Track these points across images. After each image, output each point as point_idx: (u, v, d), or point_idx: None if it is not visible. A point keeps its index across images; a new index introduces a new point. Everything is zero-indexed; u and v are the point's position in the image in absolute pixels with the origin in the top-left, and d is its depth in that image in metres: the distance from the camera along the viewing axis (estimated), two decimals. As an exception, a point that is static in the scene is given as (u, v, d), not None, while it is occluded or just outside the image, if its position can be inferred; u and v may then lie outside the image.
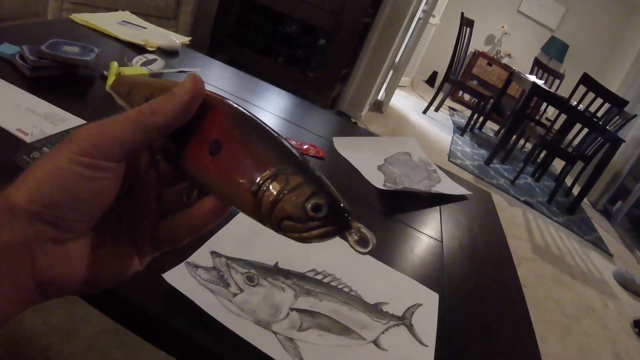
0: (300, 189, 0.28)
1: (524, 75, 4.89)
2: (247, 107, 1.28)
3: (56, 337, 1.36)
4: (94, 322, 1.44)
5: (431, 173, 1.27)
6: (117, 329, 1.43)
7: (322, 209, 0.27)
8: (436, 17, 6.16)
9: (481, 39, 7.51)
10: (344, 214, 0.28)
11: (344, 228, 0.28)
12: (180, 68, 1.34)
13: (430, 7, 4.60)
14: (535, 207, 4.19)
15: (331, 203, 0.28)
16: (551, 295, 2.91)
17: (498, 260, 1.06)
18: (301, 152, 0.31)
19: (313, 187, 0.28)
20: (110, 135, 0.31)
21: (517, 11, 7.37)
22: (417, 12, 4.22)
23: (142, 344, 1.38)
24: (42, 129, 0.82)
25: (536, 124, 5.05)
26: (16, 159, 0.70)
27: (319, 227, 0.28)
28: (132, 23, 1.60)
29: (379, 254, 0.85)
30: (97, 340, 1.40)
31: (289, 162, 0.29)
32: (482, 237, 1.13)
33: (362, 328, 0.65)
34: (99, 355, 1.36)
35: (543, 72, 5.58)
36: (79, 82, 1.07)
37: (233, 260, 0.66)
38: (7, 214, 0.29)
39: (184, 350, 0.57)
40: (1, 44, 1.05)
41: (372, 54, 3.99)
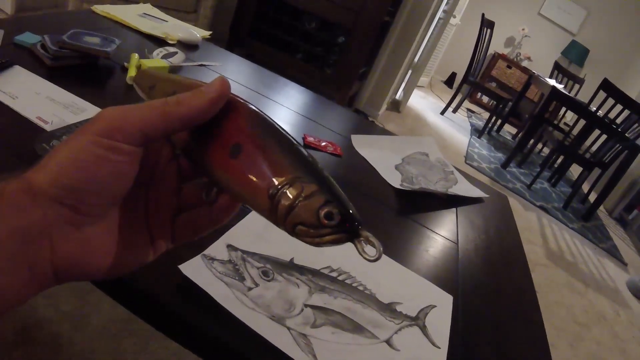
0: (314, 197, 0.29)
1: (543, 79, 4.84)
2: (265, 101, 1.29)
3: (67, 324, 1.37)
4: (105, 310, 1.45)
5: (448, 174, 1.26)
6: (128, 319, 1.44)
7: (334, 217, 0.29)
8: (456, 18, 6.12)
9: (501, 41, 7.45)
10: (354, 222, 0.30)
11: (354, 236, 0.30)
12: (200, 62, 1.34)
13: (450, 7, 4.57)
14: (551, 213, 4.15)
15: (343, 212, 0.29)
16: (563, 302, 2.88)
17: (513, 265, 1.05)
18: (316, 160, 0.32)
19: (327, 196, 0.29)
20: (132, 119, 0.31)
21: (538, 14, 7.29)
22: (438, 12, 4.20)
23: (153, 334, 1.41)
24: (62, 117, 0.83)
25: (554, 129, 5.00)
26: (35, 146, 0.70)
27: (331, 234, 0.29)
28: (153, 16, 1.60)
29: (394, 254, 0.84)
30: (108, 329, 1.41)
31: (306, 170, 0.30)
32: (498, 241, 1.12)
33: (375, 327, 0.65)
34: (109, 344, 1.37)
35: (563, 77, 5.52)
36: (99, 72, 1.07)
37: (249, 254, 0.66)
38: (27, 197, 0.29)
39: (197, 342, 0.57)
40: (23, 33, 1.06)
41: (392, 53, 3.97)
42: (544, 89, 4.59)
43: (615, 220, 5.23)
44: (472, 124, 6.08)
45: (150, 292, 0.56)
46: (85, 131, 0.31)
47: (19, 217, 0.29)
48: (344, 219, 0.29)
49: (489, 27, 5.46)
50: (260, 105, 1.27)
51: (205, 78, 1.25)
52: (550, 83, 4.55)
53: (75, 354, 1.30)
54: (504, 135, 6.29)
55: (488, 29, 5.45)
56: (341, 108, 1.58)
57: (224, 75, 0.34)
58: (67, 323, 1.37)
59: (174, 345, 1.40)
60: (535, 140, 5.24)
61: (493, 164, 4.69)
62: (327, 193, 0.29)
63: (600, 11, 7.02)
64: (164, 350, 1.39)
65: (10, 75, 0.90)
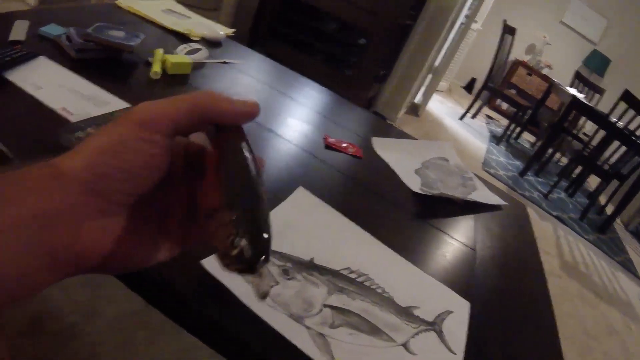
0: (229, 226, 0.30)
1: (564, 88, 4.80)
2: (286, 100, 1.30)
3: (81, 315, 1.38)
4: (119, 303, 1.46)
5: (467, 180, 1.26)
6: (142, 312, 1.45)
7: (236, 248, 0.30)
8: (478, 23, 6.09)
9: (522, 48, 7.39)
10: (253, 258, 0.30)
11: (248, 271, 0.30)
12: (223, 59, 1.35)
13: (472, 12, 4.55)
14: (567, 223, 4.11)
15: (244, 246, 0.30)
16: (575, 313, 2.86)
17: (530, 275, 1.04)
18: (257, 187, 0.34)
19: (238, 228, 0.30)
20: (165, 110, 0.33)
21: (560, 22, 7.21)
22: (460, 16, 4.18)
23: (164, 329, 1.41)
24: (86, 109, 0.84)
25: (573, 138, 4.95)
26: (60, 137, 0.71)
27: (234, 264, 0.30)
28: (176, 12, 1.61)
29: (412, 257, 0.84)
30: (120, 321, 1.41)
31: (235, 198, 0.32)
32: (515, 250, 1.11)
33: (392, 330, 0.65)
34: (122, 336, 1.38)
35: (583, 86, 5.47)
36: (122, 66, 1.08)
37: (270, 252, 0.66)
38: (54, 181, 0.30)
39: (215, 336, 0.57)
40: (48, 24, 1.07)
41: (412, 56, 3.95)
42: (564, 97, 4.55)
43: (631, 234, 5.16)
44: (491, 130, 6.05)
45: (172, 285, 0.57)
46: (122, 121, 0.32)
47: (43, 201, 0.29)
48: (245, 253, 0.30)
49: (511, 34, 5.42)
50: (281, 104, 1.28)
51: (228, 75, 1.26)
52: (570, 92, 4.50)
53: (86, 345, 1.31)
54: (522, 143, 6.26)
55: (509, 36, 5.42)
56: (361, 110, 1.58)
57: (258, 103, 0.37)
58: (79, 314, 1.38)
59: (185, 340, 1.41)
60: (554, 150, 5.20)
61: (510, 171, 4.65)
62: (242, 225, 0.30)
63: (621, 21, 6.94)
64: (174, 344, 1.39)
65: (35, 66, 0.91)
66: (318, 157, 1.07)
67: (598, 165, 4.37)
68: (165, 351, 1.37)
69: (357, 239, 0.82)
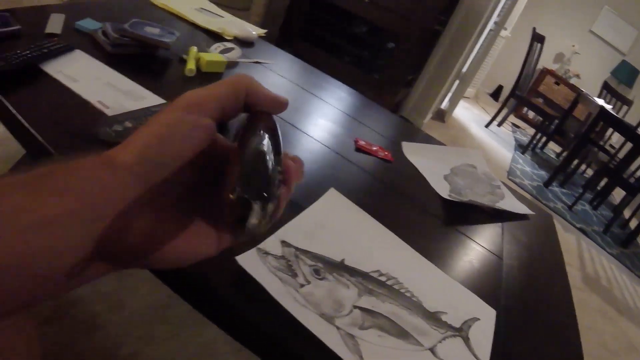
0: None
1: (591, 98, 4.73)
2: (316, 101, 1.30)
3: (104, 305, 1.39)
4: (142, 295, 1.47)
5: (495, 188, 1.25)
6: (165, 306, 1.46)
7: (234, 193, 0.30)
8: (507, 30, 6.04)
9: (550, 57, 7.31)
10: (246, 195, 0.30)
11: (244, 209, 0.30)
12: (255, 59, 1.36)
13: (502, 19, 4.51)
14: (590, 236, 4.06)
15: (239, 190, 0.30)
16: (595, 327, 2.82)
17: (555, 287, 1.03)
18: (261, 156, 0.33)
19: (239, 181, 0.30)
20: (210, 92, 0.35)
21: (589, 31, 7.11)
22: (489, 23, 4.15)
23: (186, 324, 1.42)
24: (122, 104, 0.84)
25: (599, 150, 4.89)
26: (98, 130, 0.71)
27: (232, 212, 0.30)
28: (209, 10, 1.63)
29: (441, 263, 0.84)
30: (143, 314, 1.43)
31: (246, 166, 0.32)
32: (541, 260, 1.11)
33: (420, 334, 0.65)
34: (143, 329, 1.38)
35: (611, 97, 5.39)
36: (157, 63, 1.10)
37: (301, 251, 0.67)
38: (107, 172, 0.30)
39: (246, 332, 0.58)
40: (83, 19, 1.09)
41: (440, 62, 3.94)
42: (592, 108, 4.49)
43: (654, 249, 5.08)
44: (517, 139, 5.99)
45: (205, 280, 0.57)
46: (169, 109, 0.33)
47: (95, 192, 0.29)
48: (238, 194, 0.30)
49: (540, 42, 5.37)
50: (312, 105, 1.28)
51: (260, 75, 1.27)
52: (598, 103, 4.44)
53: (108, 336, 1.32)
54: (547, 153, 6.19)
55: (538, 44, 5.36)
56: (390, 114, 1.58)
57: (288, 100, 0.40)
58: (103, 304, 1.40)
59: (206, 336, 1.42)
60: (580, 161, 5.14)
61: (535, 181, 4.61)
62: (243, 178, 0.31)
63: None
64: (195, 339, 1.40)
65: (71, 59, 0.93)
66: (349, 159, 1.07)
67: (624, 178, 4.31)
68: (186, 346, 1.38)
69: (387, 242, 0.82)
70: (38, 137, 0.67)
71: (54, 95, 0.80)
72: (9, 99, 0.72)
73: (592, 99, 4.66)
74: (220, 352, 1.39)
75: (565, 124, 5.36)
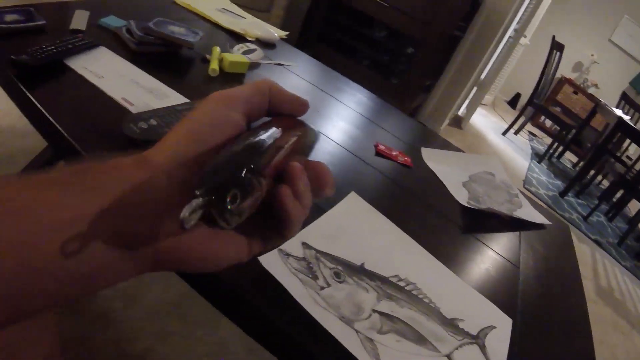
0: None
1: (609, 108, 4.69)
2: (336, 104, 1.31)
3: (119, 300, 1.40)
4: (158, 292, 1.48)
5: (513, 197, 1.25)
6: (180, 303, 1.47)
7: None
8: (526, 38, 6.01)
9: (569, 65, 7.25)
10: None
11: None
12: (277, 61, 1.37)
13: (522, 26, 4.49)
14: (604, 248, 4.02)
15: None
16: (607, 340, 2.79)
17: (571, 298, 1.03)
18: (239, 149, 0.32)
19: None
20: (239, 91, 0.36)
21: (608, 40, 7.04)
22: (509, 30, 4.13)
23: (200, 322, 1.43)
24: (146, 101, 0.85)
25: (616, 161, 4.84)
26: (123, 127, 0.72)
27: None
28: (231, 11, 1.64)
29: (458, 270, 0.84)
30: (158, 310, 1.43)
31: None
32: (558, 270, 1.10)
33: (437, 340, 0.65)
34: (157, 325, 1.39)
35: (629, 108, 5.34)
36: (180, 62, 1.11)
37: (322, 254, 0.68)
38: (143, 173, 0.30)
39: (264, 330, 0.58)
40: (107, 16, 1.10)
41: (459, 68, 3.93)
42: (610, 118, 4.45)
43: (670, 263, 5.02)
44: (533, 147, 5.95)
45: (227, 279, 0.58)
46: (201, 105, 0.34)
47: (129, 192, 0.29)
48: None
49: (559, 50, 5.33)
50: (332, 108, 1.29)
51: (282, 77, 1.28)
52: (616, 113, 4.40)
53: (122, 330, 1.33)
54: (564, 162, 6.13)
55: (558, 52, 5.33)
56: (409, 118, 1.58)
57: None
58: (119, 299, 1.41)
59: (220, 335, 1.43)
60: (596, 171, 5.09)
61: (551, 191, 4.57)
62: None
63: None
64: (209, 338, 1.41)
65: (95, 55, 0.93)
66: (369, 163, 1.08)
67: (640, 190, 4.27)
68: (199, 343, 1.38)
69: (406, 247, 0.82)
70: (63, 132, 0.67)
71: (79, 91, 0.81)
72: (34, 93, 0.73)
73: (610, 109, 4.62)
74: (233, 352, 1.40)
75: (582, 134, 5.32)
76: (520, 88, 7.53)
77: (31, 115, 0.73)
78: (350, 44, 3.80)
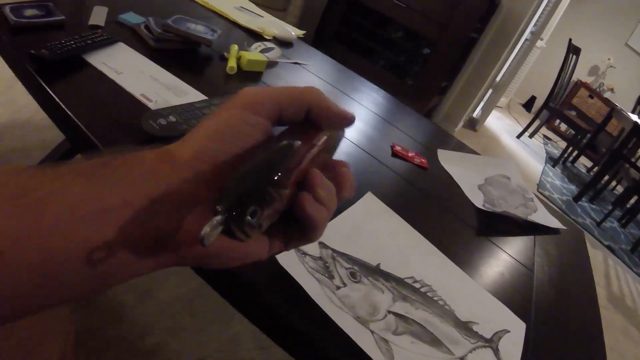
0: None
1: (625, 113, 4.65)
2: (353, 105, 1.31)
3: (132, 295, 1.41)
4: (171, 287, 1.49)
5: (528, 201, 1.24)
6: (193, 299, 1.48)
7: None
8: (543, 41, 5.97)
9: (585, 69, 7.19)
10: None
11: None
12: (294, 60, 1.37)
13: (538, 29, 4.47)
14: (617, 254, 3.98)
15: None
16: (617, 347, 2.76)
17: (584, 304, 1.02)
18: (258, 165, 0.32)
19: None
20: (269, 94, 0.35)
21: (625, 44, 6.97)
22: (525, 32, 4.11)
23: (212, 318, 1.44)
24: (165, 98, 0.85)
25: (631, 167, 4.79)
26: (142, 123, 0.72)
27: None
28: (249, 10, 1.64)
29: (473, 272, 0.84)
30: (170, 306, 1.44)
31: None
32: (571, 276, 1.09)
33: (451, 343, 0.65)
34: (170, 321, 1.40)
35: (646, 113, 5.30)
36: (198, 59, 1.11)
37: (338, 253, 0.68)
38: (168, 167, 0.30)
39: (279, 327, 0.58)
40: (126, 12, 1.11)
41: (474, 70, 3.91)
42: (626, 123, 4.41)
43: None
44: (548, 151, 5.91)
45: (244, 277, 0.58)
46: (228, 105, 0.34)
47: (154, 185, 0.29)
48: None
49: (575, 54, 5.29)
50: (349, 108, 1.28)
51: (299, 76, 1.28)
52: (632, 118, 4.36)
53: (134, 325, 1.34)
54: (578, 167, 6.09)
55: (574, 55, 5.28)
56: (425, 119, 1.58)
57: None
58: (132, 294, 1.42)
59: (232, 331, 1.43)
60: (610, 177, 5.05)
61: (565, 195, 4.54)
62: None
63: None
64: (221, 334, 1.41)
65: (114, 51, 0.94)
66: (385, 164, 1.08)
67: (655, 197, 4.23)
68: (211, 340, 1.39)
69: (421, 249, 0.82)
70: (82, 127, 0.68)
71: (98, 86, 0.81)
72: (53, 88, 0.73)
73: (626, 114, 4.58)
74: (244, 349, 1.40)
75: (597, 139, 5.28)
76: (535, 91, 7.48)
77: (50, 109, 0.74)
78: (366, 44, 3.79)
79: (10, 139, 1.77)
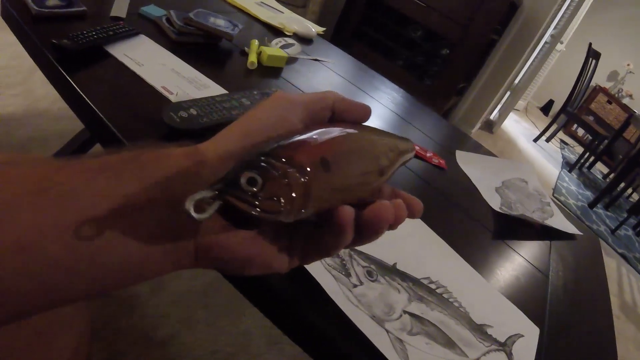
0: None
1: (644, 120, 4.60)
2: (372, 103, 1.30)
3: (146, 286, 1.42)
4: (184, 280, 1.50)
5: (545, 205, 1.23)
6: (205, 292, 1.49)
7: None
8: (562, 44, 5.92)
9: (604, 74, 7.12)
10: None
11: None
12: (314, 56, 1.37)
13: (558, 32, 4.43)
14: (631, 262, 3.94)
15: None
16: (627, 357, 2.74)
17: (598, 313, 1.01)
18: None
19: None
20: (299, 97, 0.36)
21: (644, 49, 6.92)
22: (545, 35, 4.08)
23: (225, 312, 1.45)
24: (186, 91, 0.85)
25: (648, 175, 4.75)
26: (164, 116, 0.72)
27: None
28: (269, 5, 1.65)
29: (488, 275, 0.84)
30: (183, 298, 1.45)
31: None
32: (586, 282, 1.09)
33: (465, 345, 0.65)
34: (183, 313, 1.41)
35: (664, 121, 5.23)
36: (219, 53, 1.11)
37: (355, 251, 0.68)
38: (194, 167, 0.30)
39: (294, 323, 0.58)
40: (148, 5, 1.11)
41: (493, 72, 3.89)
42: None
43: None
44: (564, 156, 5.87)
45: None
46: (262, 104, 0.35)
47: (177, 182, 0.29)
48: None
49: (595, 58, 5.24)
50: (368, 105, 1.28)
51: (319, 73, 1.28)
52: (651, 126, 4.32)
53: (147, 316, 1.35)
54: (594, 173, 6.03)
55: (594, 60, 5.23)
56: (443, 120, 1.58)
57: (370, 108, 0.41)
58: (145, 285, 1.43)
59: (243, 326, 1.44)
60: (626, 184, 5.00)
61: (580, 201, 4.50)
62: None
63: None
64: (233, 328, 1.42)
65: (136, 43, 0.94)
66: (403, 163, 1.07)
67: (671, 206, 4.18)
68: (223, 333, 1.40)
69: (438, 250, 0.82)
70: (103, 118, 0.68)
71: (119, 78, 0.82)
72: (74, 78, 0.74)
73: (645, 122, 4.53)
74: (256, 344, 1.40)
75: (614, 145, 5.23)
76: (553, 95, 7.42)
77: (71, 99, 0.74)
78: (385, 43, 3.78)
79: (28, 128, 1.79)
